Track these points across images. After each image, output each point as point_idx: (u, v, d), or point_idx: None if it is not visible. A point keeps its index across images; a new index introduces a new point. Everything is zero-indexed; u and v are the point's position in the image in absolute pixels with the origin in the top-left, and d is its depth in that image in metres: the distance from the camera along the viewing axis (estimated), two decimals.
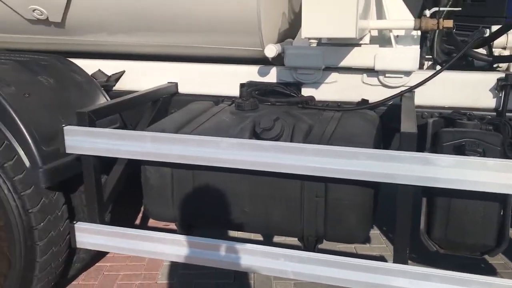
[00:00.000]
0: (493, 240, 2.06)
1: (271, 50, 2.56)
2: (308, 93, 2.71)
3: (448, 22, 2.40)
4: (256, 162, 2.04)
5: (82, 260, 2.87)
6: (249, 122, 2.32)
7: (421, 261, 2.87)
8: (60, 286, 2.89)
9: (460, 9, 2.52)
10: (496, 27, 2.77)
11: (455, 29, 2.48)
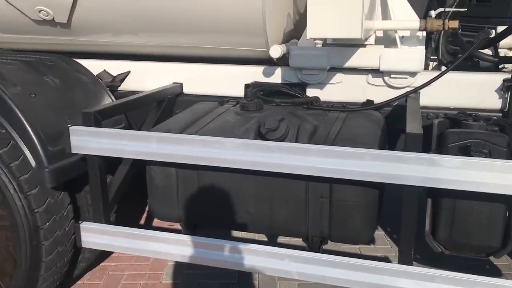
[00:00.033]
0: (499, 241, 2.05)
1: (276, 50, 2.56)
2: (313, 93, 2.71)
3: (454, 23, 2.39)
4: (261, 162, 2.05)
5: (87, 259, 2.87)
6: (254, 123, 2.32)
7: (426, 262, 2.86)
8: (65, 286, 2.90)
9: (466, 9, 2.52)
10: (502, 28, 2.77)
11: (460, 29, 2.47)
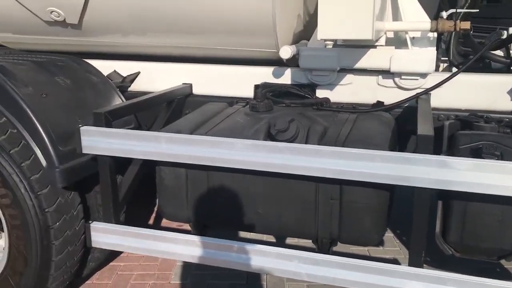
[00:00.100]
0: (510, 244, 2.03)
1: (286, 51, 2.55)
2: (322, 94, 2.70)
3: (465, 24, 2.37)
4: (270, 163, 2.04)
5: (97, 259, 2.89)
6: (264, 124, 2.32)
7: (436, 265, 2.84)
8: (74, 285, 2.91)
9: (477, 10, 2.50)
10: None
11: (472, 31, 2.45)
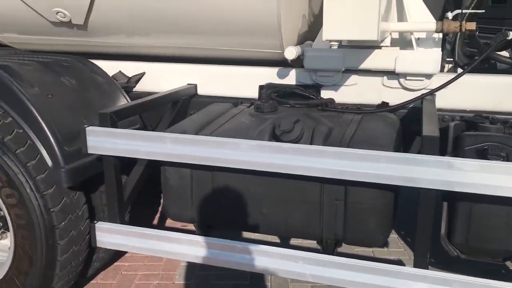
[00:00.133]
0: None
1: (291, 52, 2.55)
2: (327, 95, 2.70)
3: (471, 25, 2.36)
4: (275, 164, 2.04)
5: (102, 259, 2.90)
6: (269, 124, 2.32)
7: (441, 266, 2.83)
8: (79, 285, 2.92)
9: (483, 11, 2.49)
10: None
11: (478, 31, 2.45)
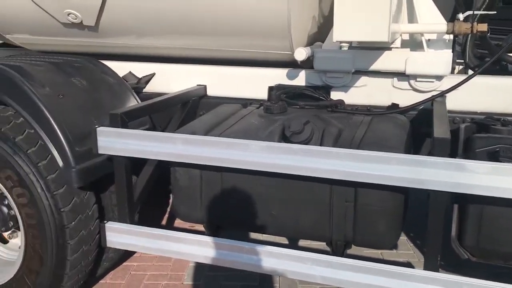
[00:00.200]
0: None
1: (300, 53, 2.55)
2: (337, 96, 2.69)
3: (483, 26, 2.35)
4: (285, 165, 2.04)
5: (111, 259, 2.91)
6: (278, 125, 2.32)
7: (451, 269, 2.81)
8: (88, 285, 2.94)
9: (495, 12, 2.47)
10: None
11: (489, 33, 2.43)
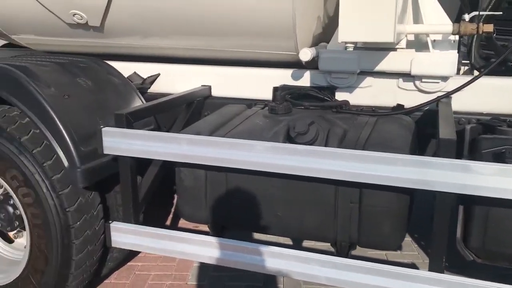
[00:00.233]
0: None
1: (305, 54, 2.55)
2: (342, 97, 2.69)
3: (488, 27, 2.34)
4: (290, 166, 2.04)
5: (116, 259, 2.92)
6: (283, 126, 2.32)
7: (456, 271, 2.79)
8: (93, 284, 2.94)
9: (501, 13, 2.46)
10: None
11: (495, 33, 2.42)
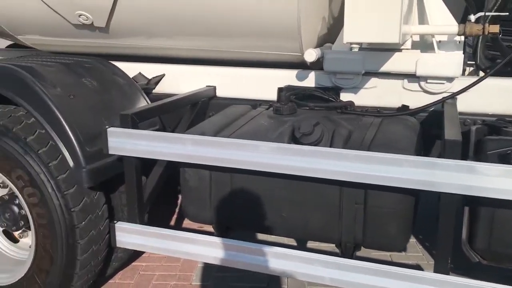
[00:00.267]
0: None
1: (310, 54, 2.55)
2: (347, 98, 2.68)
3: (494, 27, 2.33)
4: (295, 166, 2.04)
5: (120, 259, 2.92)
6: (288, 127, 2.31)
7: (462, 272, 2.78)
8: (98, 284, 2.95)
9: (507, 14, 2.46)
10: None
11: (501, 34, 2.42)
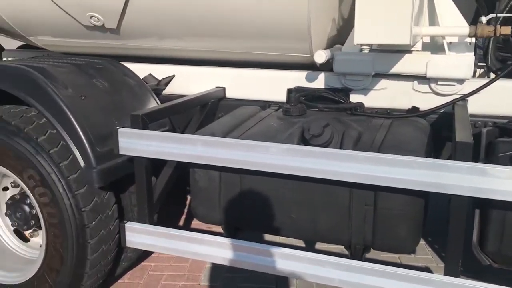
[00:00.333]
0: None
1: (320, 56, 2.55)
2: (356, 99, 2.68)
3: (506, 29, 2.32)
4: (305, 168, 2.04)
5: (129, 259, 2.94)
6: (297, 128, 2.31)
7: (472, 275, 2.77)
8: (107, 284, 2.97)
9: None
10: None
11: None
